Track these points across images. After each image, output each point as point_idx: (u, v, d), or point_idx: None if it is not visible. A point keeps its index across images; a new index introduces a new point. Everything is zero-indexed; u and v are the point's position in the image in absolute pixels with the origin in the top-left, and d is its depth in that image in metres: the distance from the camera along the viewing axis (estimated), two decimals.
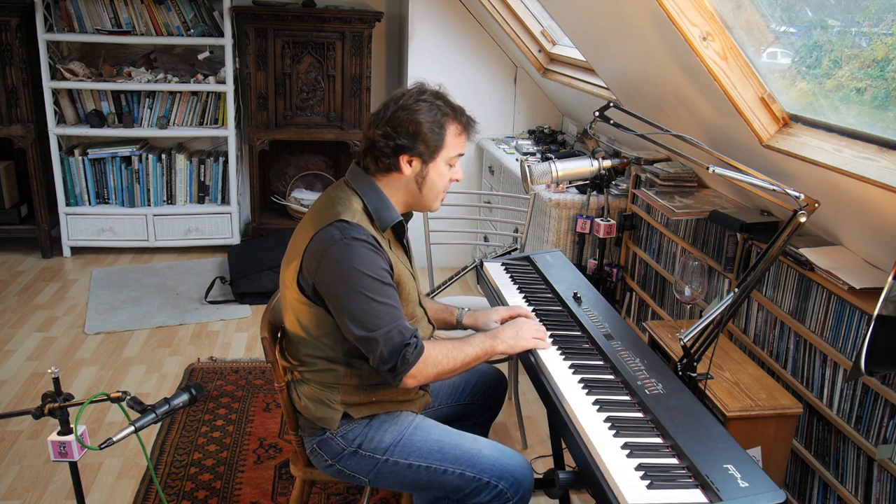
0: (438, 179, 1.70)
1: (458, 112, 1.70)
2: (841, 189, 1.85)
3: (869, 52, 1.82)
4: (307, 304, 1.65)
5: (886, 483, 1.86)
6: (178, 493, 2.41)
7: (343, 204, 1.64)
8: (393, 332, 1.58)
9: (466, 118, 1.72)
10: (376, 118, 1.67)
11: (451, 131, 1.68)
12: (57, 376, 1.60)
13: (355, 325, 1.58)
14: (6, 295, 3.92)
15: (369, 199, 1.67)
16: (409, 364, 1.59)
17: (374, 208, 1.66)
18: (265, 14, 4.22)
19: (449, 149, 1.68)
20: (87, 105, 4.44)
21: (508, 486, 1.67)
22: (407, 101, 1.64)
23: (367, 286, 1.57)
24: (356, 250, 1.57)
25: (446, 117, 1.66)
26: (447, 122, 1.67)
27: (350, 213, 1.62)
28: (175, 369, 3.21)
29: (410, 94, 1.66)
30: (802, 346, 2.14)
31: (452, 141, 1.68)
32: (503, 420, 2.91)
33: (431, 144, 1.65)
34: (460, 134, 1.70)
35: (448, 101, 1.69)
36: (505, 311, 1.95)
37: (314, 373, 1.71)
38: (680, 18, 2.02)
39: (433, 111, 1.65)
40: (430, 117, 1.64)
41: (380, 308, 1.58)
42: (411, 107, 1.63)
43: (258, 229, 4.59)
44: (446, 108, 1.67)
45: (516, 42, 3.95)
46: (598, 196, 3.12)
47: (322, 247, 1.59)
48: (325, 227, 1.60)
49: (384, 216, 1.68)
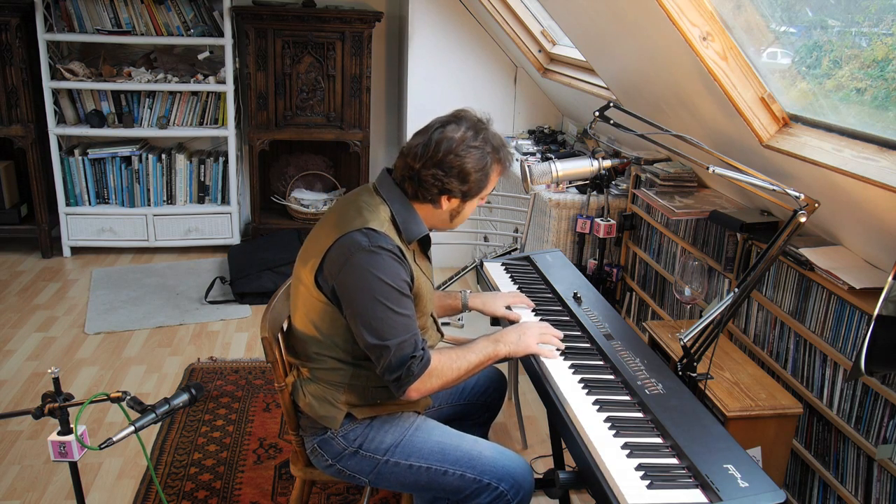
0: (470, 211, 1.76)
1: (502, 152, 1.71)
2: (841, 189, 1.85)
3: (869, 52, 1.82)
4: (324, 303, 1.65)
5: (886, 483, 1.86)
6: (178, 493, 2.41)
7: (371, 211, 1.64)
8: (404, 343, 1.58)
9: (506, 153, 1.73)
10: (424, 152, 1.64)
11: (494, 173, 1.71)
12: (57, 376, 1.60)
13: (369, 333, 1.58)
14: (6, 295, 3.92)
15: (397, 210, 1.68)
16: (413, 377, 1.58)
17: (402, 220, 1.67)
18: (265, 14, 4.22)
19: (489, 188, 1.72)
20: (87, 105, 4.44)
21: (509, 488, 1.67)
22: (460, 147, 1.63)
23: (388, 295, 1.57)
24: (381, 259, 1.58)
25: (494, 163, 1.69)
26: (493, 167, 1.69)
27: (378, 222, 1.62)
28: (175, 369, 3.21)
29: (464, 139, 1.64)
30: (802, 346, 2.14)
31: (493, 180, 1.72)
32: (503, 420, 2.91)
33: (475, 189, 1.68)
34: (500, 173, 1.74)
35: (495, 143, 1.69)
36: (510, 297, 2.02)
37: (321, 371, 1.71)
38: (680, 18, 2.02)
39: (483, 158, 1.66)
40: (480, 164, 1.65)
41: (397, 318, 1.58)
42: (462, 154, 1.63)
43: (258, 229, 4.59)
44: (494, 154, 1.68)
45: (516, 42, 3.95)
46: (598, 196, 3.12)
47: (347, 251, 1.59)
48: (351, 231, 1.60)
49: (412, 229, 1.68)
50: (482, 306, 2.02)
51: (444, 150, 1.63)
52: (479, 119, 1.71)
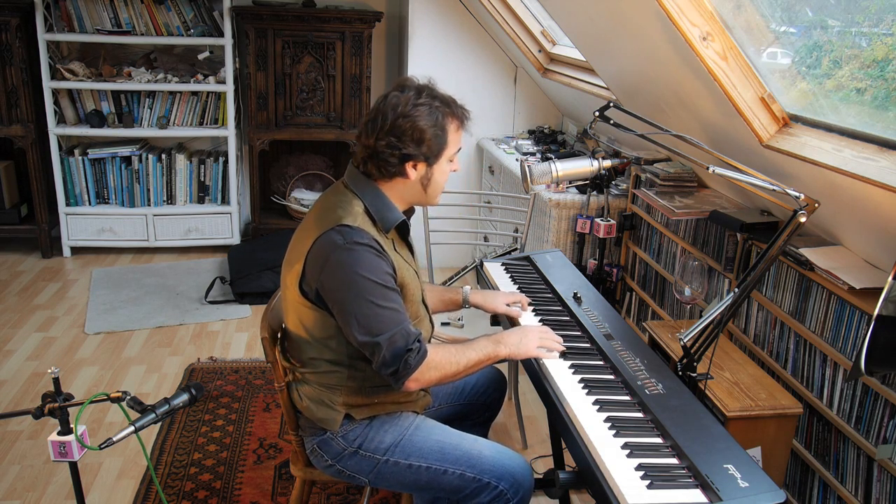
0: (442, 177, 1.71)
1: (454, 107, 1.68)
2: (841, 189, 1.85)
3: (869, 52, 1.82)
4: (310, 308, 1.65)
5: (886, 483, 1.86)
6: (178, 493, 2.41)
7: (344, 207, 1.63)
8: (396, 336, 1.57)
9: (461, 110, 1.70)
10: (374, 126, 1.63)
11: (451, 129, 1.67)
12: (57, 376, 1.60)
13: (359, 331, 1.57)
14: (6, 295, 3.92)
15: (370, 201, 1.66)
16: (411, 368, 1.58)
17: (375, 210, 1.65)
18: (265, 14, 4.22)
19: (451, 147, 1.68)
20: (87, 105, 4.44)
21: (508, 487, 1.67)
22: (406, 108, 1.61)
23: (371, 291, 1.56)
24: (359, 255, 1.57)
25: (447, 117, 1.65)
26: (448, 122, 1.65)
27: (351, 217, 1.61)
28: (175, 369, 3.21)
29: (408, 99, 1.62)
30: (802, 346, 2.14)
31: (453, 138, 1.68)
32: (503, 420, 2.91)
33: (436, 148, 1.64)
34: (458, 129, 1.70)
35: (442, 97, 1.67)
36: (510, 296, 2.01)
37: (316, 374, 1.71)
38: (680, 18, 2.02)
39: (433, 114, 1.62)
40: (432, 121, 1.62)
41: (383, 313, 1.57)
42: (411, 113, 1.60)
43: (258, 229, 4.59)
44: (444, 108, 1.65)
45: (516, 42, 3.95)
46: (598, 196, 3.12)
47: (325, 252, 1.58)
48: (326, 231, 1.59)
49: (387, 217, 1.67)
50: (482, 302, 2.02)
51: (392, 117, 1.60)
52: (420, 83, 1.68)
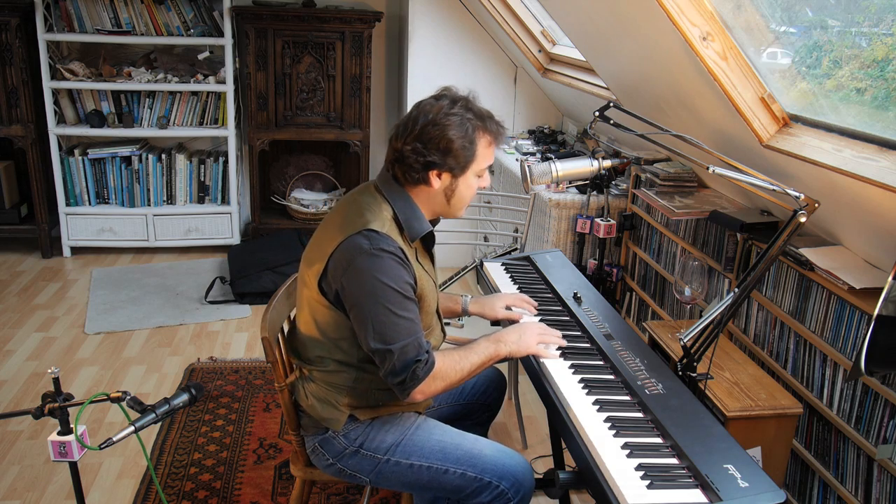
0: (467, 191, 1.68)
1: (489, 122, 1.65)
2: (841, 189, 1.85)
3: (869, 52, 1.82)
4: (327, 307, 1.64)
5: (886, 483, 1.86)
6: (178, 493, 2.41)
7: (372, 211, 1.62)
8: (409, 346, 1.57)
9: (496, 126, 1.67)
10: (404, 130, 1.61)
11: (481, 144, 1.64)
12: (57, 376, 1.60)
13: (373, 337, 1.57)
14: (6, 295, 3.92)
15: (399, 207, 1.64)
16: (418, 380, 1.58)
17: (404, 218, 1.64)
18: (265, 14, 4.22)
19: (479, 162, 1.66)
20: (87, 105, 4.44)
21: (509, 487, 1.67)
22: (437, 116, 1.59)
23: (391, 299, 1.56)
24: (383, 262, 1.56)
25: (477, 131, 1.63)
26: (478, 136, 1.63)
27: (380, 223, 1.60)
28: (175, 369, 3.21)
29: (440, 108, 1.60)
30: (802, 346, 2.14)
31: (483, 153, 1.66)
32: (503, 420, 2.91)
33: (462, 160, 1.62)
34: (490, 145, 1.67)
35: (478, 111, 1.64)
36: (510, 297, 1.99)
37: (324, 373, 1.71)
38: (680, 18, 2.02)
39: (464, 126, 1.60)
40: (461, 132, 1.60)
41: (400, 322, 1.57)
42: (441, 122, 1.59)
43: (258, 229, 4.59)
44: (477, 122, 1.62)
45: (516, 42, 3.95)
46: (598, 196, 3.12)
47: (349, 255, 1.57)
48: (353, 234, 1.58)
49: (414, 226, 1.65)
50: (481, 311, 1.99)
51: (422, 123, 1.59)
52: (460, 94, 1.66)
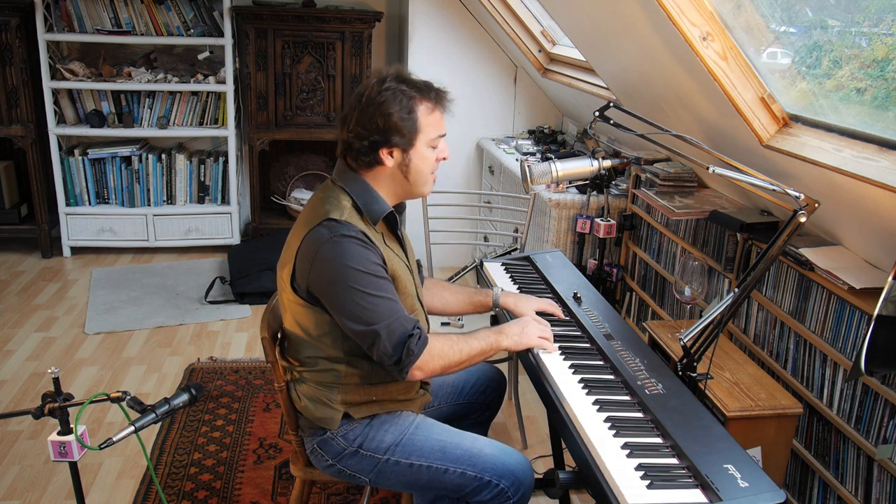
0: (423, 164, 1.66)
1: (425, 90, 1.63)
2: (841, 189, 1.85)
3: (869, 52, 1.82)
4: (304, 306, 1.65)
5: (886, 483, 1.86)
6: (178, 493, 2.41)
7: (331, 202, 1.63)
8: (394, 324, 1.57)
9: (435, 93, 1.65)
10: (345, 119, 1.63)
11: (422, 112, 1.62)
12: (57, 376, 1.60)
13: (354, 322, 1.57)
14: (6, 295, 3.92)
15: (357, 193, 1.65)
16: (414, 355, 1.58)
17: (362, 202, 1.64)
18: (265, 14, 4.22)
19: (426, 131, 1.63)
20: (87, 105, 4.44)
21: (509, 485, 1.67)
22: (371, 96, 1.59)
23: (361, 281, 1.56)
24: (346, 247, 1.56)
25: (413, 100, 1.61)
26: (416, 105, 1.61)
27: (339, 211, 1.60)
28: (175, 369, 3.21)
29: (372, 87, 1.60)
30: (802, 346, 2.14)
31: (427, 121, 1.63)
32: (503, 420, 2.91)
33: (406, 132, 1.61)
34: (432, 111, 1.64)
35: (412, 81, 1.63)
36: (542, 303, 1.96)
37: (314, 373, 1.71)
38: (680, 18, 2.02)
39: (399, 98, 1.59)
40: (398, 105, 1.59)
41: (376, 301, 1.57)
42: (376, 100, 1.59)
43: (258, 229, 4.59)
44: (411, 91, 1.61)
45: (516, 42, 3.95)
46: (598, 196, 3.12)
47: (313, 247, 1.58)
48: (314, 227, 1.59)
49: (374, 209, 1.65)
50: (514, 306, 1.95)
51: (359, 106, 1.60)
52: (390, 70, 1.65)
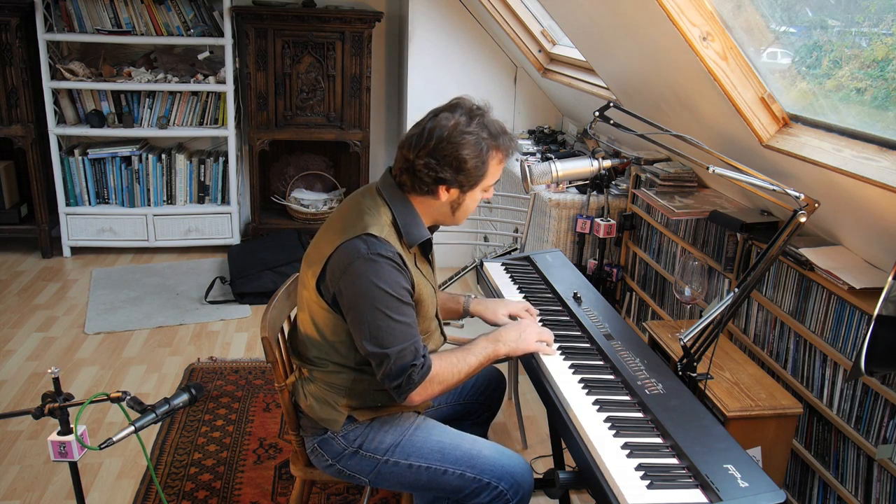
0: (472, 204, 1.70)
1: (502, 139, 1.65)
2: (841, 189, 1.85)
3: (869, 52, 1.82)
4: (325, 309, 1.65)
5: (886, 483, 1.86)
6: (178, 493, 2.41)
7: (372, 215, 1.62)
8: (405, 350, 1.57)
9: (508, 142, 1.66)
10: (418, 142, 1.60)
11: (493, 162, 1.64)
12: (57, 376, 1.60)
13: (369, 341, 1.57)
14: (6, 295, 3.92)
15: (399, 212, 1.64)
16: (414, 384, 1.58)
17: (403, 223, 1.64)
18: (265, 14, 4.22)
19: (488, 178, 1.66)
20: (87, 105, 4.44)
21: (508, 487, 1.67)
22: (453, 134, 1.58)
23: (387, 303, 1.56)
24: (380, 267, 1.56)
25: (491, 150, 1.62)
26: (491, 155, 1.63)
27: (378, 227, 1.59)
28: (175, 369, 3.21)
29: (457, 125, 1.59)
30: (802, 346, 2.14)
31: (493, 170, 1.66)
32: (503, 420, 2.91)
33: (473, 178, 1.62)
34: (501, 162, 1.67)
35: (492, 128, 1.63)
36: (513, 306, 1.95)
37: (324, 374, 1.71)
38: (680, 18, 2.02)
39: (478, 145, 1.60)
40: (475, 152, 1.59)
41: (395, 326, 1.57)
42: (456, 140, 1.58)
43: (258, 229, 4.59)
44: (490, 140, 1.62)
45: (516, 42, 3.95)
46: (598, 196, 3.12)
47: (347, 259, 1.57)
48: (352, 238, 1.58)
49: (413, 233, 1.65)
50: (483, 313, 1.97)
51: (437, 138, 1.58)
52: (476, 106, 1.65)
